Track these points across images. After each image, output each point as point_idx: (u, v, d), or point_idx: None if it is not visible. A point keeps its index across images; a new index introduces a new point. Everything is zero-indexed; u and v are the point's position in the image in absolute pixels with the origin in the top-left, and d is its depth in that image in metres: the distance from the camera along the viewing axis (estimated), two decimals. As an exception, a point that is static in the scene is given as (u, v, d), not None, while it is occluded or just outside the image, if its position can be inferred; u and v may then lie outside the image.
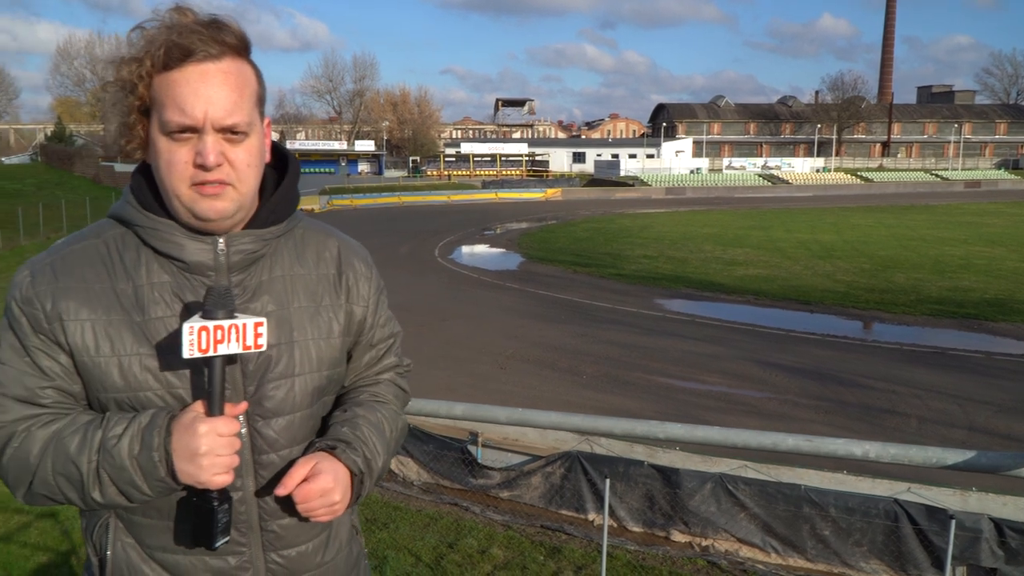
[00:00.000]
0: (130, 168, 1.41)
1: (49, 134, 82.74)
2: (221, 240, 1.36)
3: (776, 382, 13.43)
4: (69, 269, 1.34)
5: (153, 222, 1.35)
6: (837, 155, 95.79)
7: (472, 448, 8.69)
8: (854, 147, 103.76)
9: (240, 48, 1.32)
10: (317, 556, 1.49)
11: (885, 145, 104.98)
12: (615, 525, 7.73)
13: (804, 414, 11.75)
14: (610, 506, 6.35)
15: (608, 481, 5.29)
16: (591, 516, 8.08)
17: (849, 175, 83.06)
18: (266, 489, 1.41)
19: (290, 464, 1.39)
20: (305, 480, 1.34)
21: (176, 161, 1.29)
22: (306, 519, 1.41)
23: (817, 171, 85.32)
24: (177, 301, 1.35)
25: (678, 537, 7.61)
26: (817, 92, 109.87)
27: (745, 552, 7.37)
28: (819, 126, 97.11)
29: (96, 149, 73.14)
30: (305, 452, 1.42)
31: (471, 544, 7.42)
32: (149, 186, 1.37)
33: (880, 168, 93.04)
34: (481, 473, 8.62)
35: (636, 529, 7.84)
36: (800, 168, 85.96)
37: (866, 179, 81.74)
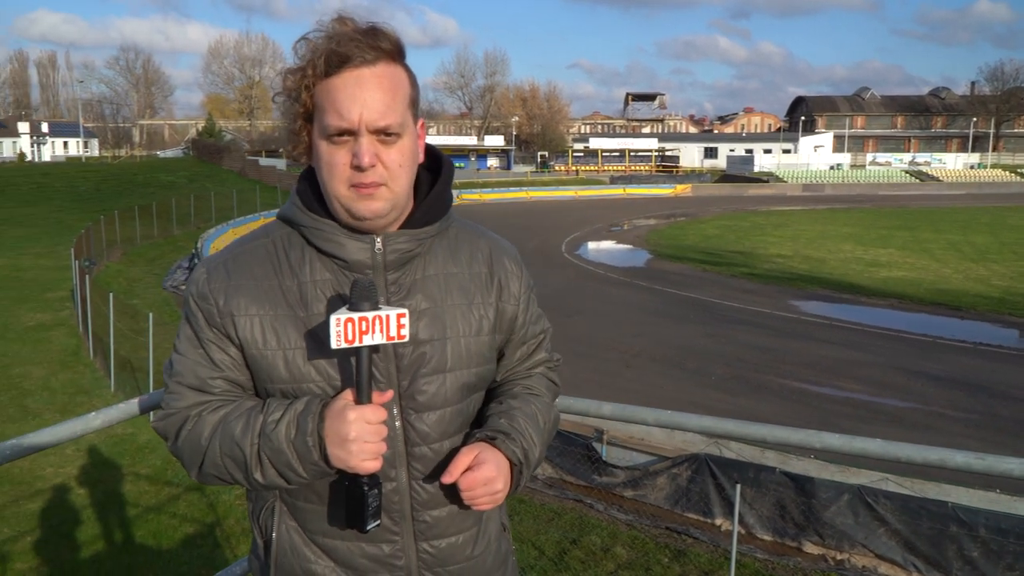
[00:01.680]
0: (273, 163, 1.48)
1: (200, 129, 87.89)
2: (378, 240, 1.42)
3: (921, 391, 12.70)
4: (240, 268, 1.44)
5: (316, 222, 1.42)
6: (994, 150, 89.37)
7: (597, 445, 8.65)
8: (1014, 142, 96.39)
9: (394, 53, 1.37)
10: (467, 549, 1.52)
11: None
12: (743, 532, 7.51)
13: (951, 427, 11.06)
14: (739, 513, 6.17)
15: (739, 487, 5.13)
16: (718, 521, 7.89)
17: (1008, 172, 77.21)
18: (419, 480, 1.46)
19: (444, 457, 1.44)
20: (469, 468, 1.38)
21: (335, 163, 1.35)
22: (457, 511, 1.48)
23: (971, 167, 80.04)
24: (337, 298, 1.42)
25: (810, 549, 7.33)
26: (973, 83, 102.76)
27: (884, 569, 7.03)
28: (975, 119, 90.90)
29: (243, 144, 77.28)
30: (464, 443, 1.46)
31: (594, 541, 7.38)
32: (312, 189, 1.45)
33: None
34: (606, 471, 8.57)
35: (765, 537, 7.60)
36: (952, 164, 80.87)
37: (1027, 177, 76.06)
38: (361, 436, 1.28)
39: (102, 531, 7.52)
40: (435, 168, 1.53)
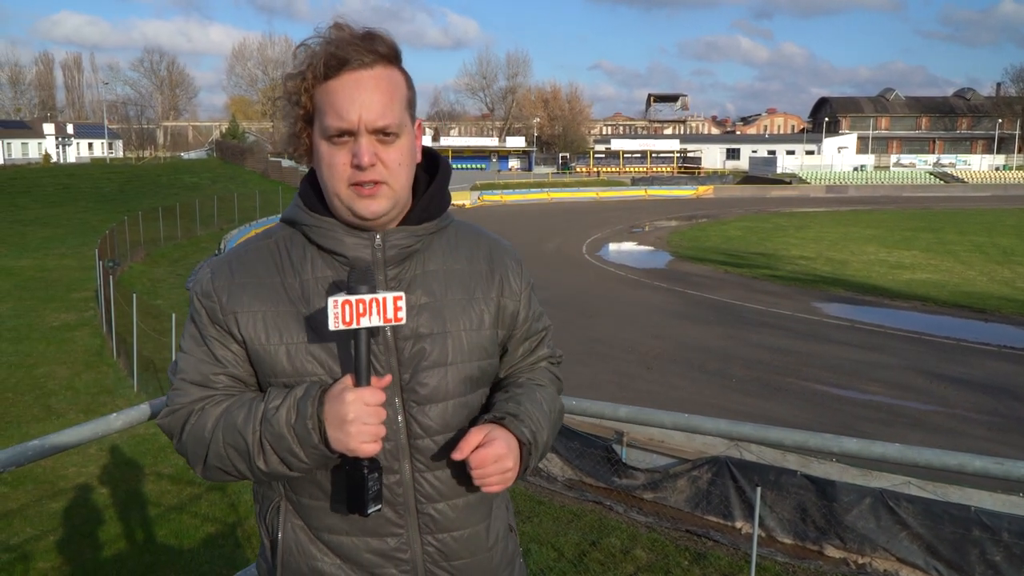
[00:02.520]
0: (295, 164, 1.49)
1: (224, 131, 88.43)
2: (378, 236, 1.46)
3: (944, 395, 12.57)
4: (243, 267, 1.48)
5: (318, 220, 1.47)
6: (1020, 152, 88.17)
7: (617, 447, 8.63)
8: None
9: (391, 56, 1.42)
10: (473, 544, 1.53)
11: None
12: (764, 535, 7.47)
13: (975, 430, 10.94)
14: (759, 516, 6.13)
15: (759, 490, 5.10)
16: (738, 523, 7.85)
17: (1034, 173, 76.37)
18: (423, 473, 1.47)
19: (448, 449, 1.45)
20: (480, 446, 1.40)
21: (336, 163, 1.40)
22: (463, 505, 1.49)
23: (997, 169, 79.06)
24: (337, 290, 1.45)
25: (832, 552, 7.28)
26: (999, 84, 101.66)
27: (906, 573, 6.96)
28: (1000, 121, 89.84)
29: (266, 146, 77.72)
30: (471, 426, 1.47)
31: (614, 544, 7.36)
32: (314, 191, 1.51)
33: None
34: (626, 473, 8.55)
35: (786, 541, 7.55)
36: (977, 166, 79.99)
37: (1053, 178, 74.89)
38: (359, 418, 1.30)
39: (124, 530, 7.60)
40: (432, 169, 1.57)
